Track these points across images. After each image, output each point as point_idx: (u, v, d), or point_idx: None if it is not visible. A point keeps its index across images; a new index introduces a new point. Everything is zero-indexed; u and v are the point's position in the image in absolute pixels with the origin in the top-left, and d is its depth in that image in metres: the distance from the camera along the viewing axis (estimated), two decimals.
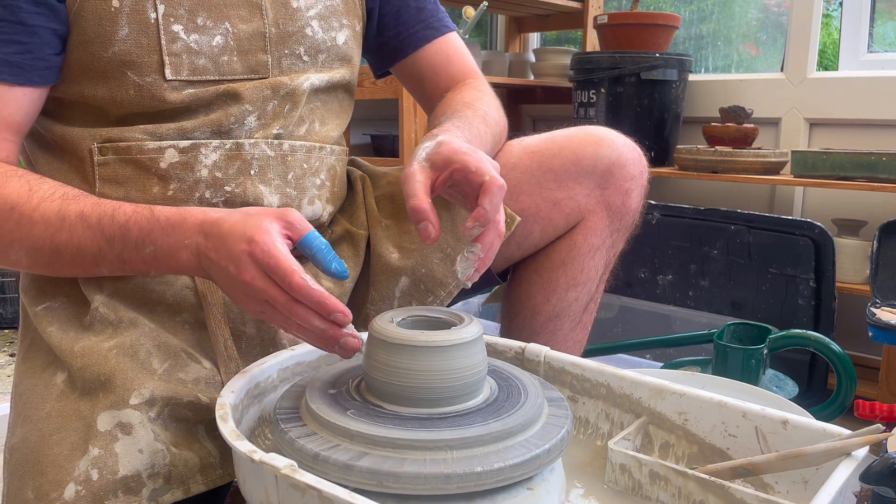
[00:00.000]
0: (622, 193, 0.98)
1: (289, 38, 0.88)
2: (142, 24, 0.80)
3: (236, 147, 0.84)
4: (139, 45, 0.80)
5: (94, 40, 0.79)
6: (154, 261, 0.75)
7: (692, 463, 0.72)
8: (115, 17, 0.79)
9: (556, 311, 1.00)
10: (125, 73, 0.80)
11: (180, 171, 0.83)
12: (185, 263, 0.74)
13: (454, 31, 1.05)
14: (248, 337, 0.85)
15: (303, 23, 0.88)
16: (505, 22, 2.78)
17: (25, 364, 0.83)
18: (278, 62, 0.87)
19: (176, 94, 0.82)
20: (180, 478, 0.72)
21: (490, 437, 0.62)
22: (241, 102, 0.84)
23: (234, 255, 0.68)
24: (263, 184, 0.86)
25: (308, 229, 0.71)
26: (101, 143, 0.82)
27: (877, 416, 1.09)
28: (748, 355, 1.28)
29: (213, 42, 0.83)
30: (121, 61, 0.80)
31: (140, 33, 0.80)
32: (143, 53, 0.80)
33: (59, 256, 0.76)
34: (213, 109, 0.84)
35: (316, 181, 0.91)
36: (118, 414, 0.72)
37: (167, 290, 0.82)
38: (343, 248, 0.95)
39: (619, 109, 2.09)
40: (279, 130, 0.87)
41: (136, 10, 0.80)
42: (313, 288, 0.66)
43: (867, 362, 1.84)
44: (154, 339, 0.78)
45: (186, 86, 0.82)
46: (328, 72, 0.92)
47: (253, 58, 0.86)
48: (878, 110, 1.91)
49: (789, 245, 1.71)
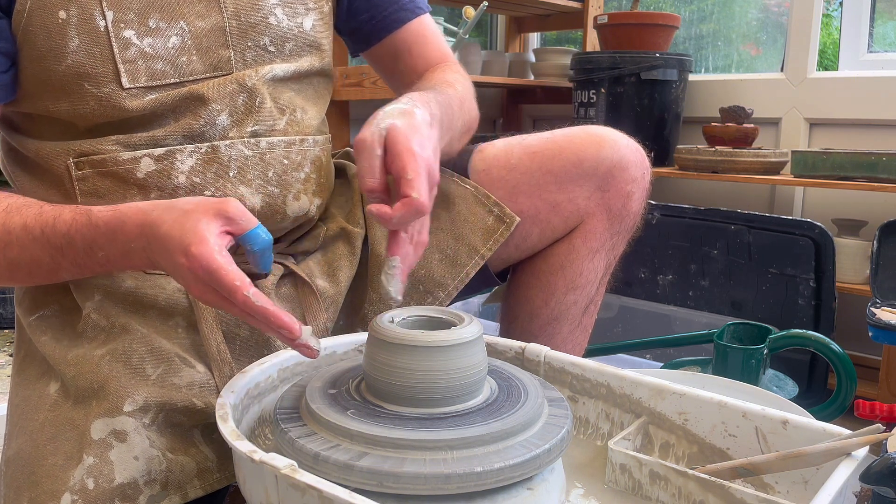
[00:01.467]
0: (623, 196, 0.97)
1: (251, 29, 0.84)
2: (91, 34, 0.77)
3: (212, 150, 0.82)
4: (91, 55, 0.77)
5: (46, 55, 0.77)
6: (109, 263, 0.73)
7: (692, 463, 0.72)
8: (63, 29, 0.76)
9: (555, 314, 0.99)
10: (82, 86, 0.78)
11: (158, 179, 0.81)
12: (141, 265, 0.72)
13: (427, 13, 1.02)
14: (242, 339, 0.85)
15: (265, 12, 0.85)
16: (505, 22, 2.78)
17: (20, 376, 0.82)
18: (242, 56, 0.84)
19: (137, 101, 0.79)
20: (177, 483, 0.72)
21: (490, 437, 0.62)
22: (207, 103, 0.82)
23: (177, 268, 0.66)
24: (244, 185, 0.84)
25: (252, 224, 0.68)
26: (77, 158, 0.80)
27: (877, 416, 1.09)
28: (748, 355, 1.28)
29: (168, 44, 0.80)
30: (75, 73, 0.77)
31: (91, 43, 0.77)
32: (97, 64, 0.77)
33: (18, 269, 0.75)
34: (181, 114, 0.82)
35: (300, 175, 0.88)
36: (112, 421, 0.72)
37: (160, 294, 0.82)
38: (339, 246, 0.94)
39: (619, 109, 2.09)
40: (256, 127, 0.84)
41: (83, 20, 0.76)
42: (257, 305, 0.63)
43: (867, 362, 1.84)
44: (147, 344, 0.77)
45: (146, 92, 0.80)
46: (296, 61, 0.88)
47: (214, 55, 0.82)
48: (878, 110, 1.91)
49: (789, 245, 1.71)
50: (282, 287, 0.88)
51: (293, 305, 0.88)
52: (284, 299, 0.88)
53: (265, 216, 0.85)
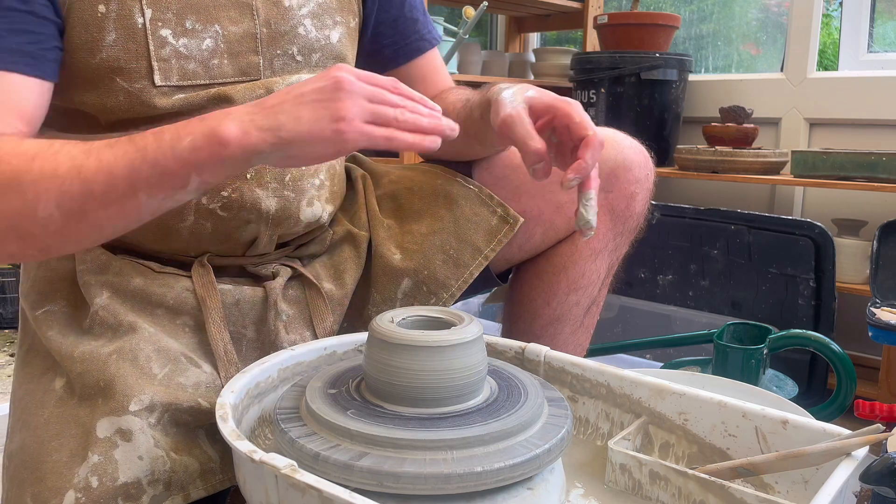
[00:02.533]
0: (626, 197, 0.97)
1: (281, 38, 0.85)
2: (129, 30, 0.78)
3: None
4: (127, 50, 0.78)
5: (80, 46, 0.78)
6: (194, 153, 0.66)
7: (692, 463, 0.72)
8: (101, 22, 0.77)
9: (557, 315, 0.99)
10: (114, 80, 0.79)
11: None
12: (233, 136, 0.65)
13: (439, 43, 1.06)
14: (248, 340, 0.85)
15: (295, 21, 0.86)
16: (505, 22, 2.78)
17: (24, 369, 0.82)
18: (270, 63, 0.85)
19: (166, 99, 0.80)
20: (180, 484, 0.72)
21: (490, 437, 0.62)
22: (233, 104, 0.81)
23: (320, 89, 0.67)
24: (260, 187, 0.84)
25: None
26: None
27: (877, 416, 1.09)
28: (748, 355, 1.28)
29: (202, 46, 0.81)
30: (109, 68, 0.78)
31: (127, 39, 0.78)
32: (131, 59, 0.78)
33: (91, 193, 0.67)
34: (205, 112, 0.82)
35: (315, 182, 0.89)
36: (118, 420, 0.72)
37: (167, 293, 0.82)
38: (345, 249, 0.94)
39: (620, 109, 2.09)
40: None
41: (122, 16, 0.77)
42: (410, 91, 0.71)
43: (867, 362, 1.84)
44: (154, 343, 0.77)
45: (176, 91, 0.80)
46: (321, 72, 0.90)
47: (244, 60, 0.83)
48: (878, 110, 1.91)
49: (789, 245, 1.71)
50: (289, 289, 0.89)
51: (301, 307, 0.89)
52: (292, 301, 0.88)
53: (279, 220, 0.86)
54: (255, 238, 0.86)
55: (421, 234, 0.94)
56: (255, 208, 0.84)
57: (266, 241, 0.87)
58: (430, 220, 0.95)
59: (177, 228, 0.83)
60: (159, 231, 0.83)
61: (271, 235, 0.87)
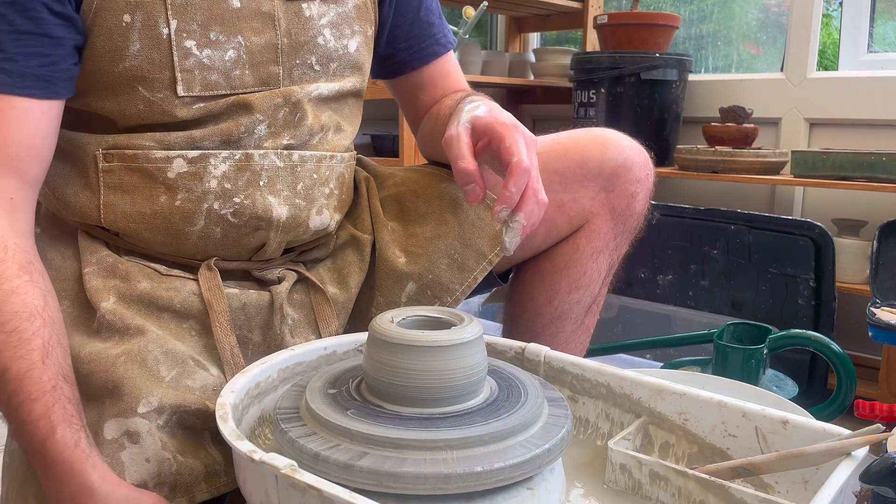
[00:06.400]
0: (627, 197, 0.98)
1: (301, 48, 0.86)
2: (153, 40, 0.78)
3: (246, 158, 0.83)
4: (151, 60, 0.78)
5: (103, 55, 0.78)
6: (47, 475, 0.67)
7: (692, 463, 0.72)
8: (126, 32, 0.77)
9: (558, 314, 1.00)
10: (136, 89, 0.79)
11: (189, 182, 0.81)
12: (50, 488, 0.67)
13: (454, 47, 1.06)
14: (255, 343, 0.85)
15: (315, 32, 0.87)
16: (505, 22, 2.78)
17: None
18: (289, 73, 0.85)
19: (186, 109, 0.80)
20: (185, 486, 0.72)
21: (490, 436, 0.62)
22: (251, 112, 0.83)
23: None
24: (272, 195, 0.84)
25: None
26: (107, 150, 0.81)
27: (877, 416, 1.09)
28: (748, 355, 1.28)
29: (225, 56, 0.81)
30: (132, 77, 0.78)
31: (152, 49, 0.78)
32: (155, 69, 0.78)
33: None
34: (223, 119, 0.82)
35: (325, 190, 0.89)
36: (126, 422, 0.71)
37: (174, 297, 0.82)
38: (349, 253, 0.95)
39: (619, 109, 2.09)
40: (291, 140, 0.85)
41: (147, 26, 0.78)
42: None
43: (867, 362, 1.84)
44: (162, 345, 0.77)
45: (197, 101, 0.81)
46: (339, 80, 0.90)
47: (264, 70, 0.84)
48: (878, 110, 1.91)
49: (789, 245, 1.71)
50: (294, 294, 0.89)
51: (306, 312, 0.89)
52: (297, 305, 0.89)
53: (289, 227, 0.86)
54: (263, 244, 0.87)
55: (425, 238, 0.94)
56: (266, 215, 0.84)
57: (274, 248, 0.87)
58: (435, 224, 0.95)
59: (186, 232, 0.83)
60: (168, 234, 0.83)
61: (280, 242, 0.87)
